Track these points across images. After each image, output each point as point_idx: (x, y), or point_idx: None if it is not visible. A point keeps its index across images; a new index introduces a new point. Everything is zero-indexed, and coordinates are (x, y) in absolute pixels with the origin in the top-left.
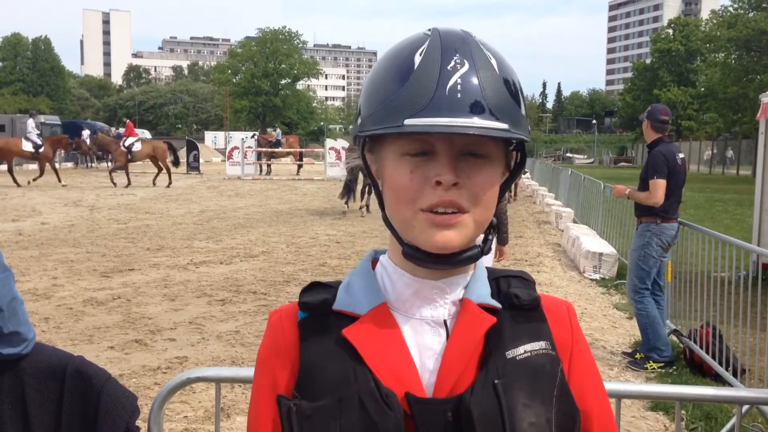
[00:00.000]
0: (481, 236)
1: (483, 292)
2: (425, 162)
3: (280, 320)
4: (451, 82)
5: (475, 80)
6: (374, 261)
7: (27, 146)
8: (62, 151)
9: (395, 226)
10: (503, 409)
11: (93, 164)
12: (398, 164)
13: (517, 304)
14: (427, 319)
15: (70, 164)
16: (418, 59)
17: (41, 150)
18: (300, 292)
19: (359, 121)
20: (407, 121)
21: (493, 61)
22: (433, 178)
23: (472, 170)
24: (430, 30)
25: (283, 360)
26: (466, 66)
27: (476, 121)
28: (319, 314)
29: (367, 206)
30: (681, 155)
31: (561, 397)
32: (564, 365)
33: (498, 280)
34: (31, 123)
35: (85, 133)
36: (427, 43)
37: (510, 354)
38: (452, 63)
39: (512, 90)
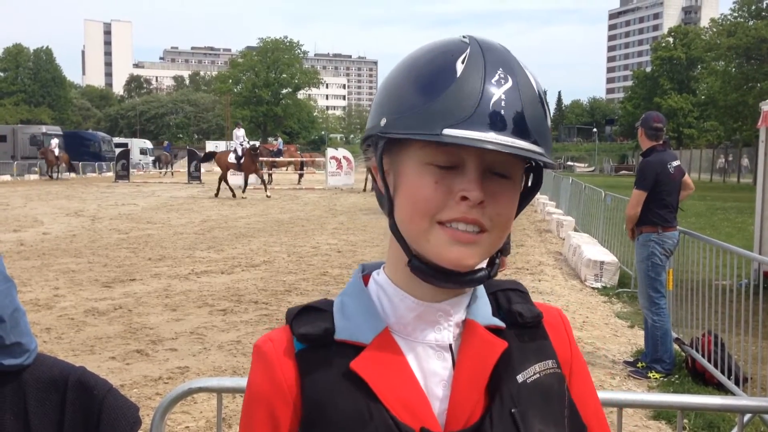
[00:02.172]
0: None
1: (486, 312)
2: (451, 174)
3: (275, 352)
4: (495, 97)
5: (518, 99)
6: (365, 276)
7: (231, 158)
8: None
9: (406, 236)
10: None
11: (60, 175)
12: (422, 173)
13: (521, 323)
14: (431, 343)
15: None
16: (460, 66)
17: (242, 162)
18: (291, 319)
19: (383, 121)
20: (446, 131)
21: (533, 80)
22: (458, 193)
23: (498, 190)
24: (465, 37)
25: (285, 398)
26: (510, 82)
27: (517, 142)
28: (318, 345)
29: None
30: (675, 163)
31: (570, 417)
32: (566, 380)
33: (496, 294)
34: (238, 132)
35: (54, 141)
36: (468, 50)
37: (521, 378)
38: (497, 77)
39: (545, 109)
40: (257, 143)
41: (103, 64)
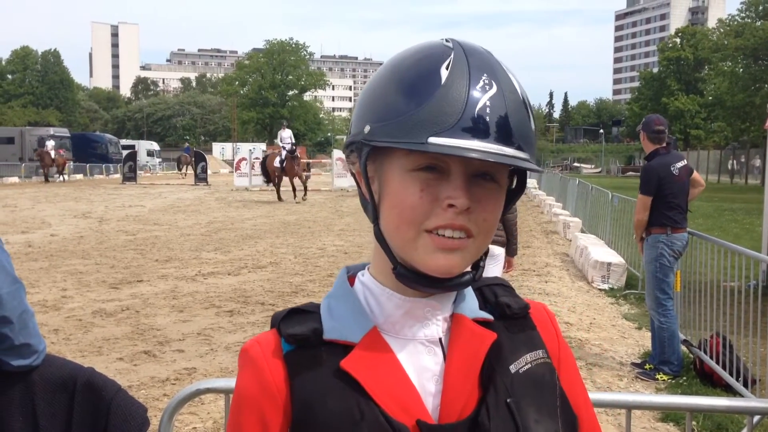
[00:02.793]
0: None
1: (473, 306)
2: (436, 181)
3: (263, 355)
4: (480, 104)
5: (503, 105)
6: (350, 277)
7: (276, 162)
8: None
9: (392, 245)
10: (519, 430)
11: (58, 178)
12: (406, 181)
13: (509, 314)
14: (420, 339)
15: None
16: (444, 72)
17: (284, 165)
18: (278, 322)
19: (367, 128)
20: (432, 140)
21: (516, 85)
22: (444, 200)
23: (484, 195)
24: (449, 41)
25: (274, 400)
26: (495, 88)
27: (503, 149)
28: (307, 345)
29: None
30: (679, 164)
31: (562, 407)
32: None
33: (481, 290)
34: (284, 134)
35: (50, 144)
36: (452, 56)
37: (513, 368)
38: (481, 83)
39: (530, 113)
40: (294, 147)
41: (111, 66)
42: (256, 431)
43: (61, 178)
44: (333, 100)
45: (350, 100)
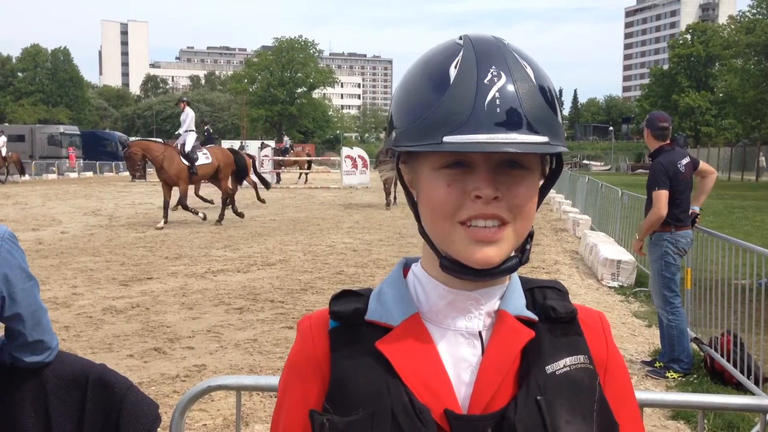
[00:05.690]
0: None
1: (519, 304)
2: (462, 175)
3: (311, 328)
4: (489, 97)
5: (513, 93)
6: (406, 269)
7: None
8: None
9: (433, 240)
10: (547, 427)
11: (9, 177)
12: (435, 178)
13: (554, 317)
14: (461, 331)
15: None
16: (453, 72)
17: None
18: (330, 299)
19: (393, 134)
20: (446, 139)
21: (530, 71)
22: (471, 192)
23: (513, 182)
24: (461, 38)
25: (314, 370)
26: (503, 78)
27: (516, 137)
28: (350, 324)
29: (393, 201)
30: (684, 161)
31: (600, 412)
32: (600, 379)
33: (533, 290)
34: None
35: (1, 140)
36: (461, 53)
37: (550, 369)
38: (489, 76)
39: (549, 99)
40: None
41: (120, 64)
42: (297, 395)
43: (22, 177)
44: (342, 97)
45: (359, 98)
